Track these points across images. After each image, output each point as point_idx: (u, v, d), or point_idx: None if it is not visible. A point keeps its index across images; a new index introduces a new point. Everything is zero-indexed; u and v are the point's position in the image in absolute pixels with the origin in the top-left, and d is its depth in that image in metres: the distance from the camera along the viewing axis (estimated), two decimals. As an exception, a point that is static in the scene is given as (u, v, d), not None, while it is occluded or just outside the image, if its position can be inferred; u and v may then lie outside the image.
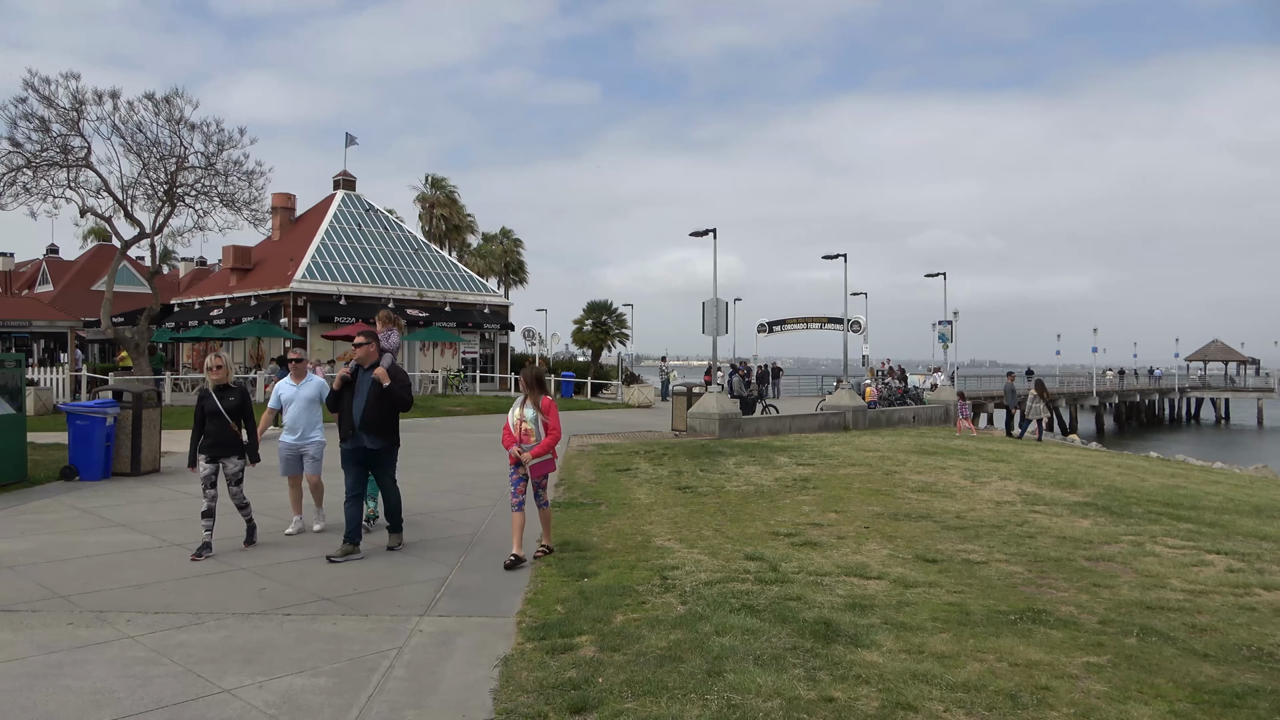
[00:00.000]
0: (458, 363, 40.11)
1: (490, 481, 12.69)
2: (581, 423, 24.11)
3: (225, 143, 27.06)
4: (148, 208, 27.02)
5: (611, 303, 49.94)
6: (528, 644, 5.56)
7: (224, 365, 8.28)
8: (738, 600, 6.50)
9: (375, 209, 43.07)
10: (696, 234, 22.66)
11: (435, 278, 41.44)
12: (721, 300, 22.31)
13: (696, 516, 10.09)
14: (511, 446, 7.77)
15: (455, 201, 56.23)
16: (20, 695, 4.69)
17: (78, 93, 25.05)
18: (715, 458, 15.63)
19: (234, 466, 8.12)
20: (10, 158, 24.94)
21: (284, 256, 38.31)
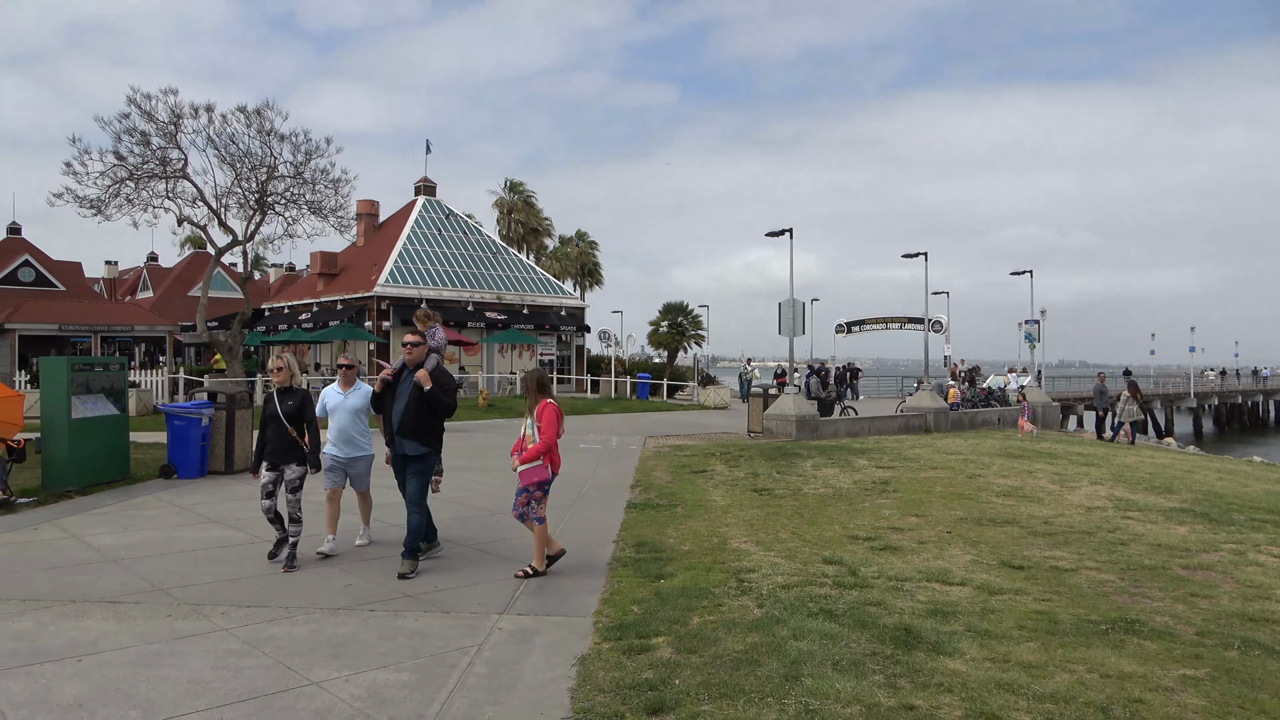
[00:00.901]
0: (535, 364, 40.59)
1: (565, 482, 12.77)
2: (657, 424, 24.15)
3: (313, 152, 27.96)
4: (240, 216, 28.09)
5: (687, 304, 49.91)
6: (604, 644, 5.59)
7: (286, 366, 7.87)
8: (815, 604, 6.41)
9: (455, 214, 43.92)
10: (773, 234, 22.47)
11: (513, 281, 42.04)
12: (798, 300, 22.08)
13: (773, 519, 10.00)
14: (512, 455, 7.50)
15: (532, 205, 56.95)
16: (124, 683, 4.92)
17: (176, 107, 26.19)
18: (792, 460, 15.47)
19: (292, 473, 7.73)
20: (115, 170, 26.23)
21: (368, 261, 39.36)
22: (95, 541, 8.59)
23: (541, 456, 7.28)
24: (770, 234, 22.50)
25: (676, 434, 21.17)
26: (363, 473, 8.30)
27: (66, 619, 6.07)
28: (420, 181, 43.86)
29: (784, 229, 22.20)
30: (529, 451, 7.29)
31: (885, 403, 35.26)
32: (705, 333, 48.85)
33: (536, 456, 7.27)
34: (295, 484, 7.73)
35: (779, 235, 22.31)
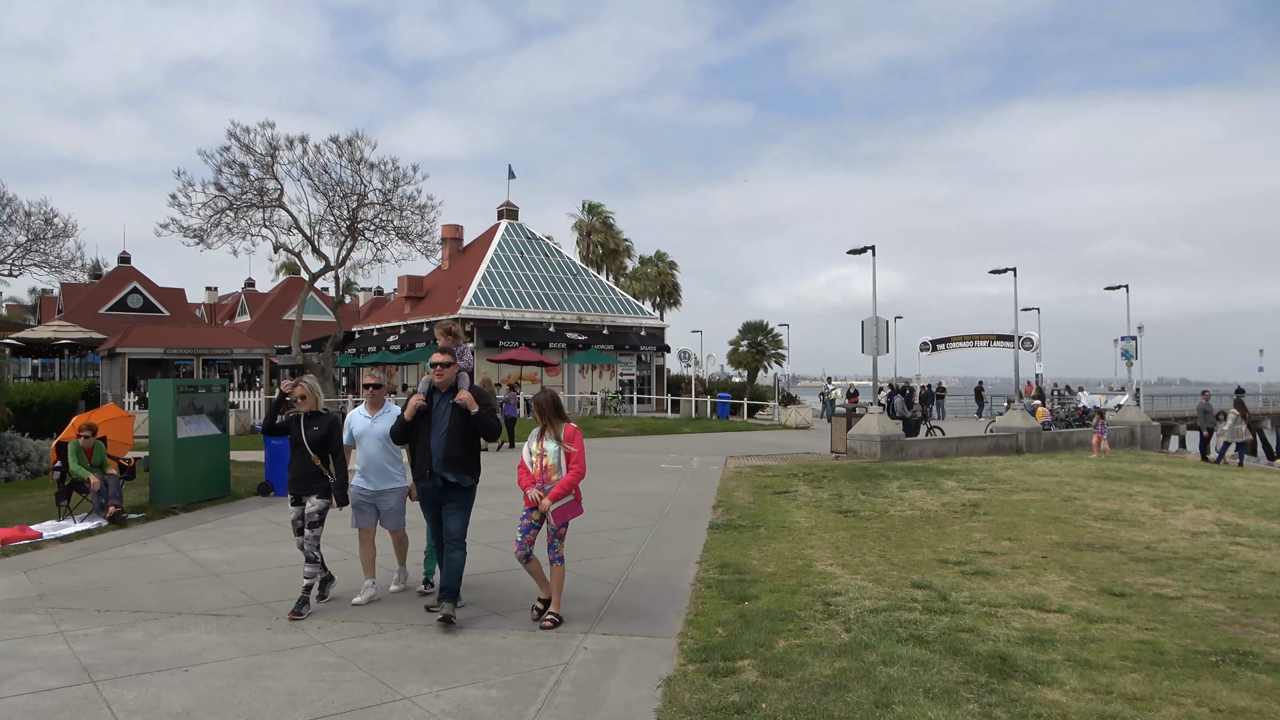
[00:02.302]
0: (615, 385, 40.84)
1: (648, 502, 12.82)
2: (738, 444, 24.00)
3: (400, 180, 28.82)
4: (332, 243, 29.11)
5: (767, 323, 49.62)
6: (689, 665, 5.57)
7: (311, 391, 7.16)
8: (905, 630, 6.27)
9: (536, 236, 44.65)
10: (855, 251, 22.19)
11: (593, 301, 42.45)
12: (881, 318, 21.73)
13: (859, 541, 9.83)
14: (530, 487, 6.51)
15: (611, 226, 57.50)
16: (228, 693, 5.12)
17: (272, 139, 27.35)
18: (877, 481, 15.18)
19: (312, 506, 6.96)
20: (216, 201, 27.51)
21: (453, 284, 40.30)
22: (199, 556, 8.96)
23: (573, 490, 6.53)
24: (852, 251, 22.23)
25: (758, 454, 21.01)
26: (395, 508, 7.34)
27: (173, 630, 6.35)
28: (503, 205, 44.76)
29: (866, 246, 21.92)
30: (561, 485, 6.41)
31: (973, 423, 34.32)
32: (785, 352, 48.46)
33: (568, 490, 6.46)
34: (315, 518, 6.96)
35: (861, 252, 22.02)
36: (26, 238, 31.89)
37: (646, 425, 30.75)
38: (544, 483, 6.46)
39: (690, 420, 34.47)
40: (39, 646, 5.95)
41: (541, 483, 6.47)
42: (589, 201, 58.18)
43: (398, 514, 7.36)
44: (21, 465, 14.73)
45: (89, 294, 48.49)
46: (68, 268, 34.32)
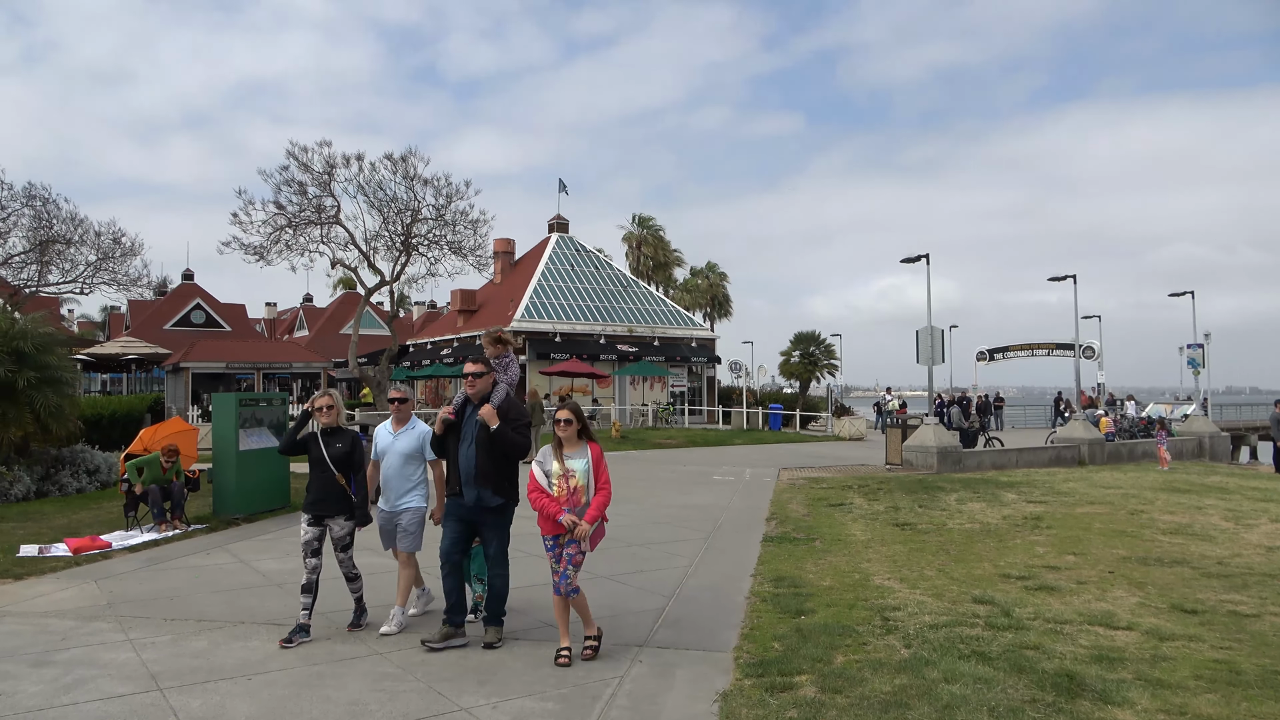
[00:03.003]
0: (666, 396, 40.81)
1: (701, 514, 12.76)
2: (790, 456, 23.79)
3: (453, 195, 29.27)
4: (387, 258, 29.65)
5: (819, 333, 49.17)
6: (746, 680, 5.51)
7: (335, 405, 6.85)
8: (967, 646, 6.13)
9: (586, 249, 44.93)
10: (908, 260, 21.92)
11: (644, 313, 42.54)
12: (936, 328, 21.40)
13: (917, 555, 9.65)
14: (559, 511, 5.84)
15: (661, 238, 57.61)
16: (290, 702, 5.19)
17: (329, 158, 28.01)
18: (935, 493, 14.91)
19: (339, 529, 6.68)
20: (275, 219, 28.20)
21: (505, 298, 40.72)
22: (260, 566, 9.13)
23: (603, 512, 6.02)
24: (906, 260, 21.96)
25: (811, 466, 20.79)
26: (408, 528, 6.80)
27: (237, 639, 6.47)
28: (554, 219, 45.14)
29: (920, 254, 21.64)
30: (596, 506, 5.91)
31: (1033, 434, 33.58)
32: (838, 362, 47.94)
33: (601, 513, 5.96)
34: (345, 541, 6.70)
35: (915, 261, 21.75)
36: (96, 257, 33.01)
37: (698, 437, 30.65)
38: (574, 505, 5.87)
39: (742, 432, 34.29)
40: (109, 654, 6.12)
41: (571, 505, 5.87)
42: (639, 214, 58.43)
43: (412, 536, 6.82)
44: (92, 477, 15.19)
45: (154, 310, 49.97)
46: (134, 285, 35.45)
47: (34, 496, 13.86)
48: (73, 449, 15.28)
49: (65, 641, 6.43)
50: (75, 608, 7.43)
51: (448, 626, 6.26)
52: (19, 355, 13.74)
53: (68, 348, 19.61)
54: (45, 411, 13.85)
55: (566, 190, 46.37)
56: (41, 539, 10.31)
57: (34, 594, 7.91)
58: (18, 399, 13.56)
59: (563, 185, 45.96)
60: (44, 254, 31.79)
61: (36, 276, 32.53)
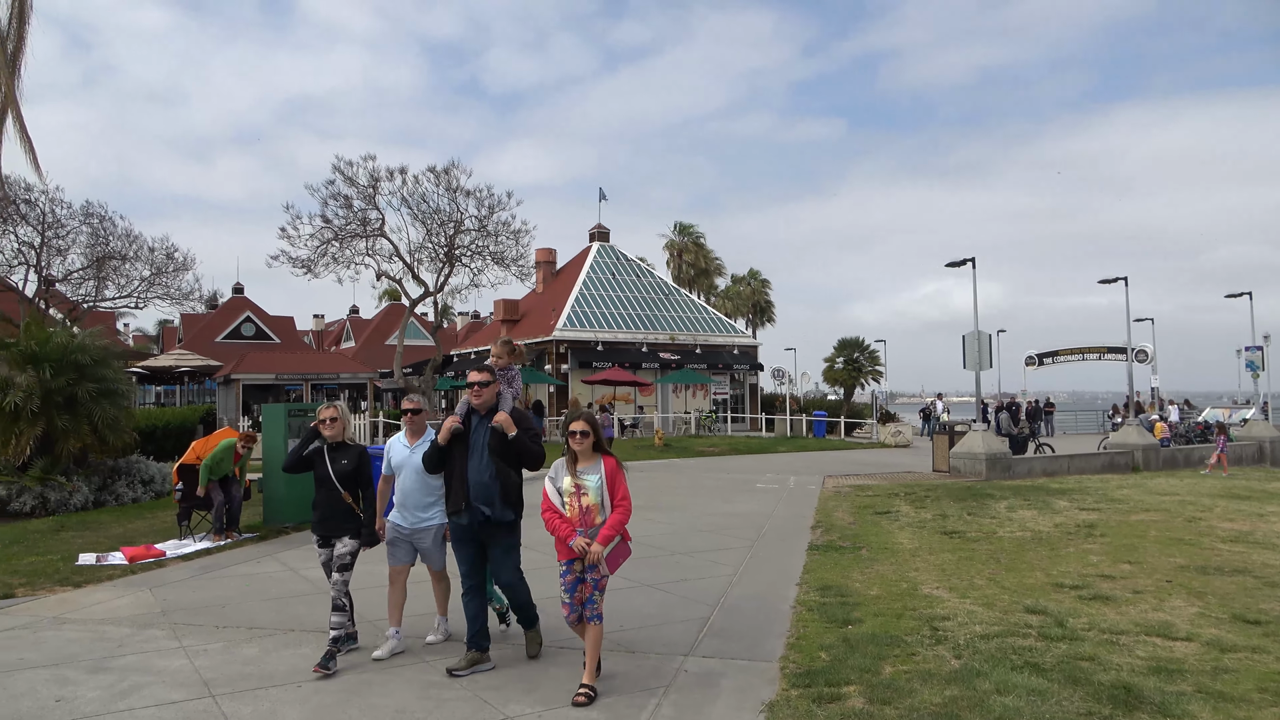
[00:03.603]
0: (709, 404, 40.70)
1: (745, 522, 12.68)
2: (835, 463, 23.56)
3: (495, 206, 29.54)
4: (431, 269, 30.00)
5: (863, 339, 48.84)
6: (792, 690, 5.45)
7: (340, 417, 6.45)
8: (1020, 657, 6.00)
9: (628, 258, 45.04)
10: (953, 264, 21.63)
11: (685, 321, 42.49)
12: (983, 332, 21.06)
13: (966, 564, 9.48)
14: (571, 534, 5.40)
15: (702, 246, 57.59)
16: (338, 709, 5.24)
17: (374, 171, 28.43)
18: (984, 500, 14.65)
19: (342, 548, 6.28)
20: (322, 232, 28.69)
21: (547, 307, 40.95)
22: (309, 574, 9.25)
23: (621, 529, 5.50)
24: (951, 264, 21.67)
25: (856, 473, 20.57)
26: (431, 548, 6.53)
27: (287, 646, 6.56)
28: (594, 228, 45.33)
29: (965, 259, 21.34)
30: (611, 525, 5.41)
31: (1084, 439, 32.88)
32: (883, 368, 47.51)
33: (619, 530, 5.46)
34: (345, 560, 6.31)
35: (960, 265, 21.45)
36: (150, 271, 33.86)
37: (741, 444, 30.49)
38: (587, 525, 5.41)
39: (785, 439, 34.05)
40: (163, 660, 6.23)
41: (584, 526, 5.42)
42: (680, 222, 58.51)
43: (436, 553, 6.54)
44: (146, 487, 15.53)
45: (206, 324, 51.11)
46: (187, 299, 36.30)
47: (92, 506, 14.21)
48: (128, 460, 15.64)
49: (121, 648, 6.57)
50: (131, 615, 7.59)
51: (473, 651, 5.97)
52: (78, 368, 14.12)
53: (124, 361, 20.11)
54: (103, 423, 14.20)
55: (606, 198, 46.58)
56: (99, 548, 10.57)
57: (92, 601, 8.11)
58: (77, 411, 13.92)
59: (603, 194, 46.21)
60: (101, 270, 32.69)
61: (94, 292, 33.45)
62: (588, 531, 5.40)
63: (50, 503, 13.56)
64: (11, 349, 14.35)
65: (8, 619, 7.45)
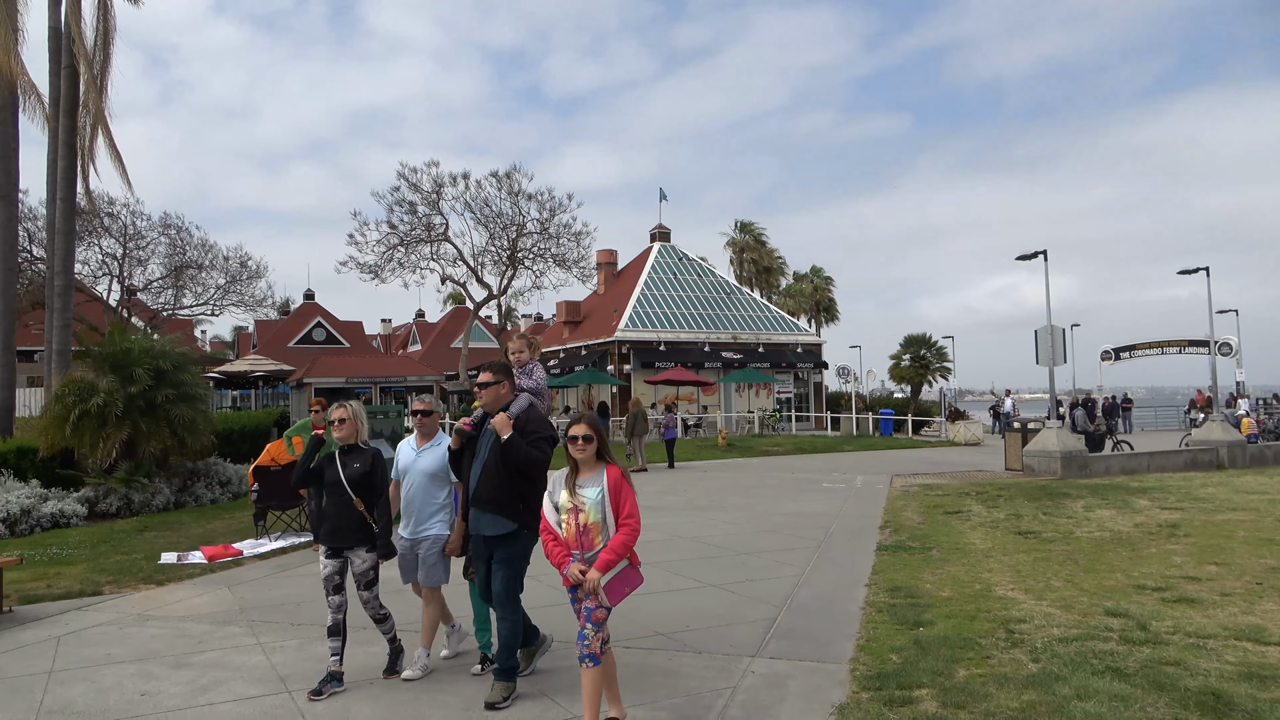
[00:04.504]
0: (772, 403, 40.39)
1: (811, 522, 12.53)
2: (903, 462, 23.16)
3: (556, 208, 29.79)
4: (494, 272, 30.42)
5: (930, 335, 47.91)
6: (863, 693, 5.34)
7: (351, 418, 5.89)
8: (1100, 661, 5.79)
9: (689, 257, 44.95)
10: (1024, 257, 21.06)
11: (748, 320, 42.23)
12: (1056, 327, 20.47)
13: (1042, 565, 9.21)
14: (563, 560, 4.66)
15: (764, 244, 57.16)
16: (410, 706, 5.32)
17: (437, 177, 28.95)
18: (1059, 500, 14.23)
19: (360, 563, 5.79)
20: (388, 238, 29.27)
21: (609, 308, 41.09)
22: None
23: (628, 552, 4.69)
24: (1022, 257, 21.11)
25: (925, 472, 20.17)
26: (428, 559, 6.02)
27: (358, 644, 6.65)
28: (655, 229, 45.35)
29: (1037, 251, 20.77)
30: (612, 548, 4.58)
31: (1164, 436, 31.75)
32: (951, 365, 46.53)
33: (623, 553, 4.63)
34: (369, 577, 5.82)
35: (1031, 258, 20.88)
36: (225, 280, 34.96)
37: (805, 443, 30.18)
38: (585, 548, 4.64)
39: (851, 438, 33.59)
40: (241, 657, 6.40)
41: (581, 549, 4.64)
42: (741, 220, 58.14)
43: (434, 567, 6.01)
44: (224, 488, 16.01)
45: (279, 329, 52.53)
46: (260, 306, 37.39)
47: (173, 507, 14.70)
48: (206, 462, 16.14)
49: (201, 645, 6.76)
50: (210, 612, 7.82)
51: (505, 681, 5.42)
52: (158, 374, 14.61)
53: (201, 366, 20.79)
54: (182, 426, 14.68)
55: (666, 199, 46.61)
56: (179, 547, 10.93)
57: (174, 599, 8.37)
58: (157, 415, 14.42)
59: (663, 194, 46.25)
60: (179, 279, 33.85)
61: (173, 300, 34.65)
62: (587, 555, 4.63)
63: (134, 504, 14.06)
64: (96, 355, 14.93)
65: (96, 615, 7.74)
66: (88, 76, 18.08)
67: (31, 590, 8.59)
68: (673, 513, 13.90)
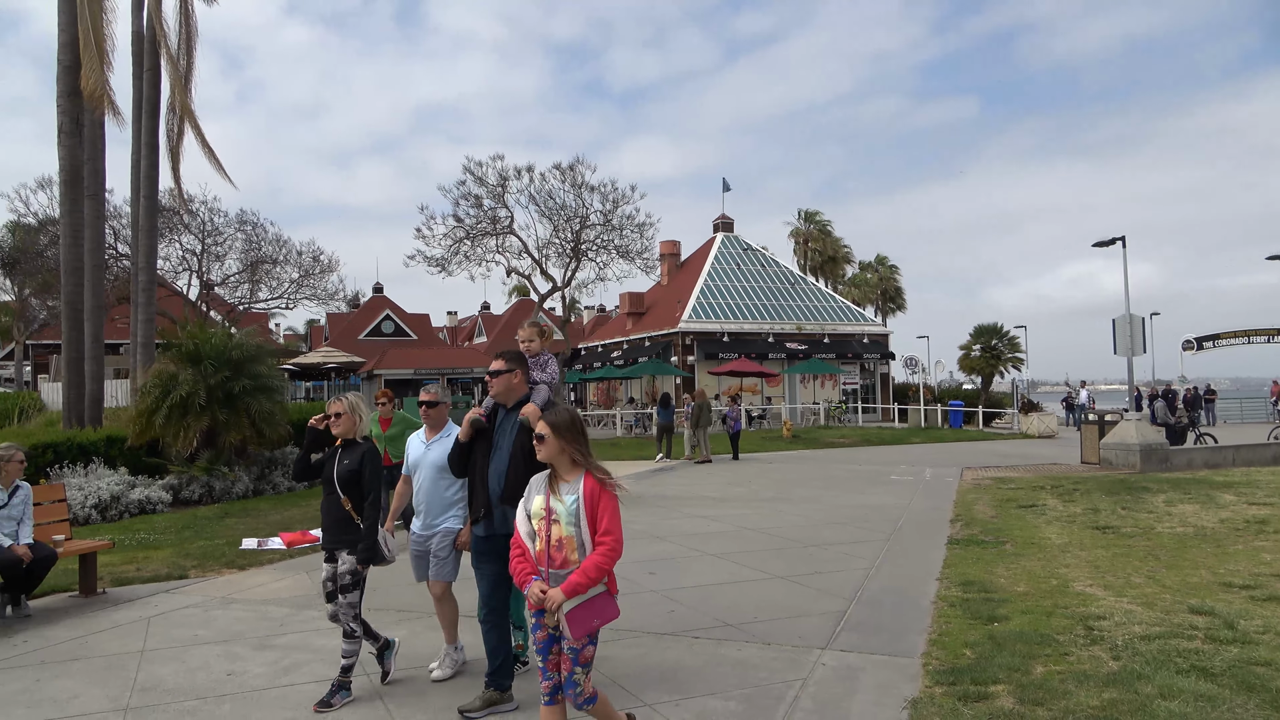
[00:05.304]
0: (838, 394, 39.94)
1: (880, 515, 12.37)
2: (973, 454, 22.70)
3: (619, 200, 29.87)
4: (558, 264, 30.63)
5: (1002, 325, 46.88)
6: (936, 688, 5.27)
7: (348, 412, 5.50)
8: (1185, 660, 5.61)
9: (752, 247, 44.66)
10: (1101, 244, 20.44)
11: (812, 310, 41.81)
12: (1135, 315, 19.83)
13: (1122, 560, 8.95)
14: (525, 577, 3.94)
15: (829, 234, 56.49)
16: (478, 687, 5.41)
17: (502, 171, 29.25)
18: (1139, 494, 13.80)
19: (343, 565, 5.39)
20: (454, 232, 29.71)
21: (672, 299, 41.08)
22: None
23: (604, 576, 3.90)
24: (1098, 244, 20.49)
25: (997, 465, 19.74)
26: (440, 554, 5.71)
27: (432, 629, 6.80)
28: (718, 219, 45.16)
29: (1114, 238, 20.14)
30: (583, 572, 3.82)
31: (1251, 429, 30.52)
32: (1023, 355, 45.46)
33: (596, 578, 3.84)
34: (345, 581, 5.38)
35: (1108, 245, 20.26)
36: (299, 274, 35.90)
37: (872, 435, 29.79)
38: (557, 565, 3.91)
39: (919, 430, 33.05)
40: (320, 639, 6.59)
41: (552, 566, 3.92)
42: (805, 209, 57.56)
43: (444, 562, 5.71)
44: (300, 476, 16.47)
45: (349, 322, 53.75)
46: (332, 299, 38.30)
47: (251, 494, 15.18)
48: (283, 451, 16.61)
49: (283, 627, 6.98)
50: (290, 596, 8.06)
51: (491, 690, 5.06)
52: (236, 366, 15.10)
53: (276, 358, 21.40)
54: (259, 417, 15.14)
55: (729, 188, 46.30)
56: (259, 533, 11.28)
57: (255, 583, 8.66)
58: (236, 405, 14.89)
59: (727, 185, 45.94)
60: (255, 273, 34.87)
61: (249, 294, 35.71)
62: (551, 574, 3.91)
63: (215, 491, 14.56)
64: (177, 349, 15.49)
65: (183, 598, 8.05)
66: (174, 77, 18.73)
67: (123, 573, 8.97)
68: (738, 504, 13.86)
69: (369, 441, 5.58)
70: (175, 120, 19.60)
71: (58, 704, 5.30)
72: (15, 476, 7.49)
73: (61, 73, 16.74)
